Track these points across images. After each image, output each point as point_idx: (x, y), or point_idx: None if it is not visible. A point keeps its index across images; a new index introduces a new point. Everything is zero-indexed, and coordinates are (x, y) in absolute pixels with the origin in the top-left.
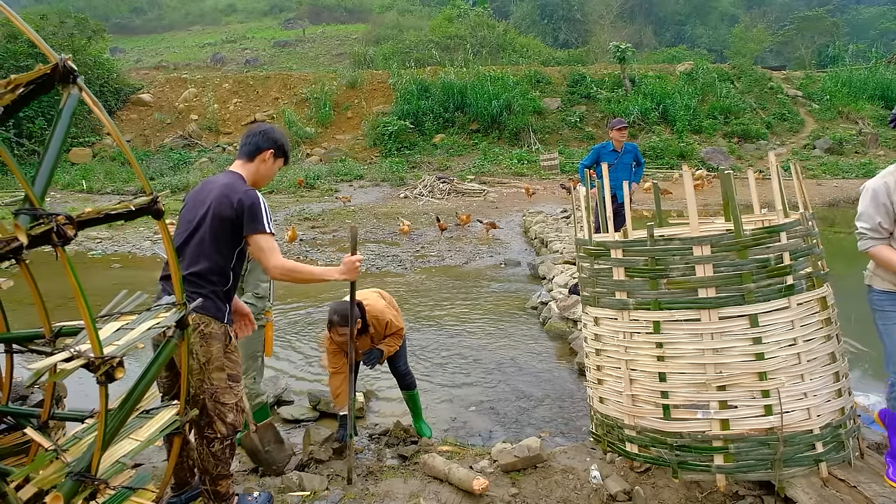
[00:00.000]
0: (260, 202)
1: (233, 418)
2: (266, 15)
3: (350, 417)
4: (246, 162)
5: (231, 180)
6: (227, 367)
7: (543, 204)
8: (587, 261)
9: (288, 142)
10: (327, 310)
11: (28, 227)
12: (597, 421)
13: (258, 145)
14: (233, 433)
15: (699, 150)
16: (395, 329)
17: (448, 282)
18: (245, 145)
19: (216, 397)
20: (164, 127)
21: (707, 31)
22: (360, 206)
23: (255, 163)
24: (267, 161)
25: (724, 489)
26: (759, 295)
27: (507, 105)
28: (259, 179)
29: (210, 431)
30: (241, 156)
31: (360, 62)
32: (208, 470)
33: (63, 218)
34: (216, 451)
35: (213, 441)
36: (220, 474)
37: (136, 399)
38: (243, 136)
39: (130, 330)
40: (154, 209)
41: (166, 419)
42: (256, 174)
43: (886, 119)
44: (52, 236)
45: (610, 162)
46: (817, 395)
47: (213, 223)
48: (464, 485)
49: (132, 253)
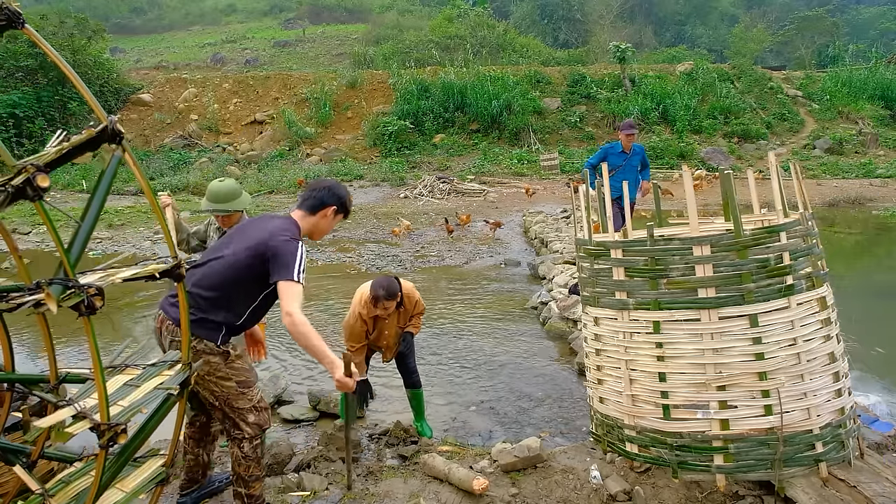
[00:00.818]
0: (297, 255)
1: (255, 418)
2: (266, 15)
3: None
4: (307, 214)
5: (286, 225)
6: (232, 376)
7: (543, 204)
8: (587, 261)
9: (351, 199)
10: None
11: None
12: (597, 421)
13: (323, 200)
14: (260, 432)
15: (699, 150)
16: (422, 308)
17: (448, 282)
18: (309, 198)
19: (229, 403)
20: (164, 127)
21: (707, 31)
22: (361, 206)
23: (317, 217)
24: (328, 217)
25: (724, 489)
26: (759, 295)
27: (507, 105)
28: (316, 233)
29: (237, 432)
30: (304, 207)
31: (360, 62)
32: (241, 475)
33: (94, 290)
34: (247, 451)
35: (242, 441)
36: (253, 476)
37: (132, 452)
38: (308, 188)
39: (135, 387)
40: (176, 274)
41: (153, 469)
42: (315, 227)
43: (886, 119)
44: (81, 307)
45: (617, 164)
46: (817, 395)
47: (247, 257)
48: (464, 485)
49: (133, 253)
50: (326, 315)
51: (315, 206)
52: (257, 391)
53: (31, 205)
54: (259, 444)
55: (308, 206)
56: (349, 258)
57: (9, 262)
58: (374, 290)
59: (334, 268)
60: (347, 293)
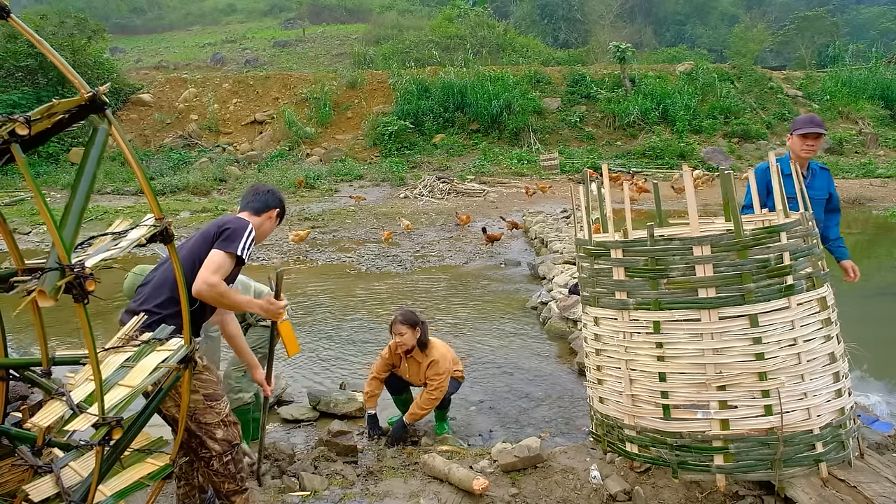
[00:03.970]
0: (247, 230)
1: (223, 434)
2: (266, 15)
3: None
4: (252, 215)
5: (232, 217)
6: (199, 388)
7: (543, 204)
8: (587, 261)
9: None
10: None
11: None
12: (597, 421)
13: (267, 203)
14: (229, 448)
15: (699, 150)
16: (436, 371)
17: (448, 282)
18: (253, 200)
19: (196, 418)
20: (164, 127)
21: (707, 31)
22: (361, 206)
23: (262, 218)
24: (272, 218)
25: (724, 489)
26: (759, 295)
27: (507, 105)
28: (260, 235)
29: (205, 451)
30: (249, 209)
31: (360, 62)
32: (218, 490)
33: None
34: (217, 468)
35: (210, 460)
36: (231, 490)
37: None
38: (250, 191)
39: (131, 367)
40: (167, 235)
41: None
42: (259, 228)
43: (886, 119)
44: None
45: (791, 194)
46: (817, 395)
47: (196, 243)
48: (464, 485)
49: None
50: (327, 315)
51: (260, 209)
52: (225, 404)
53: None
54: (230, 460)
55: (253, 208)
56: (349, 258)
57: (9, 263)
58: (394, 315)
59: (334, 268)
60: (347, 293)
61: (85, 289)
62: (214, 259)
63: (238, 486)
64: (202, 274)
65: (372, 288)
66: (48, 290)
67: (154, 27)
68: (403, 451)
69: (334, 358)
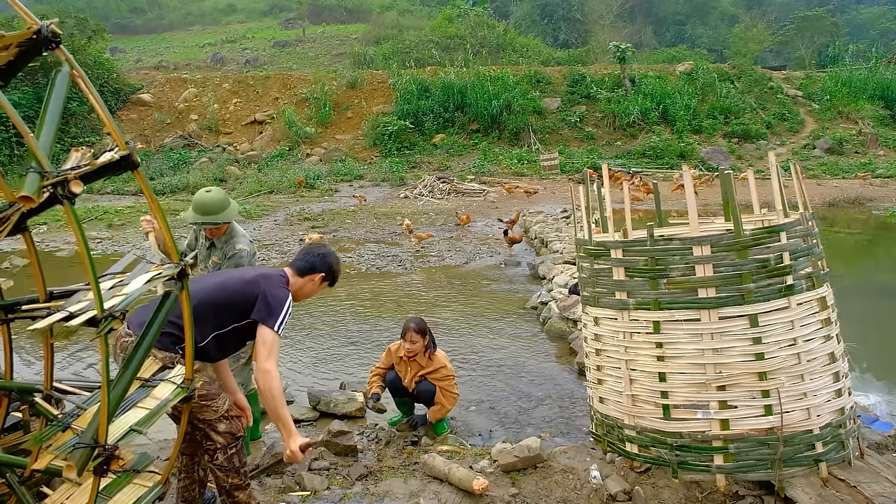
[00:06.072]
0: (286, 304)
1: (226, 426)
2: (266, 15)
3: None
4: (296, 274)
5: (282, 275)
6: None
7: (543, 204)
8: (587, 261)
9: (340, 269)
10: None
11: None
12: (597, 421)
13: (314, 266)
14: (233, 440)
15: (699, 150)
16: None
17: (448, 282)
18: (301, 260)
19: (195, 416)
20: (164, 127)
21: (707, 31)
22: (361, 206)
23: (304, 280)
24: (315, 282)
25: (724, 489)
26: (759, 295)
27: (507, 105)
28: (301, 295)
29: (209, 443)
30: (293, 267)
31: (360, 62)
32: (221, 485)
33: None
34: (221, 461)
35: (215, 452)
36: (234, 485)
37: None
38: (303, 250)
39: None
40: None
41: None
42: (300, 289)
43: (886, 119)
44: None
45: None
46: (817, 395)
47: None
48: (464, 485)
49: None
50: (327, 315)
51: (304, 270)
52: (223, 401)
53: None
54: (234, 453)
55: (297, 268)
56: (349, 258)
57: (9, 262)
58: (406, 323)
59: None
60: (347, 293)
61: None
62: (266, 339)
63: (241, 481)
64: (263, 363)
65: (372, 288)
66: (77, 466)
67: (154, 27)
68: (403, 451)
69: (334, 358)
